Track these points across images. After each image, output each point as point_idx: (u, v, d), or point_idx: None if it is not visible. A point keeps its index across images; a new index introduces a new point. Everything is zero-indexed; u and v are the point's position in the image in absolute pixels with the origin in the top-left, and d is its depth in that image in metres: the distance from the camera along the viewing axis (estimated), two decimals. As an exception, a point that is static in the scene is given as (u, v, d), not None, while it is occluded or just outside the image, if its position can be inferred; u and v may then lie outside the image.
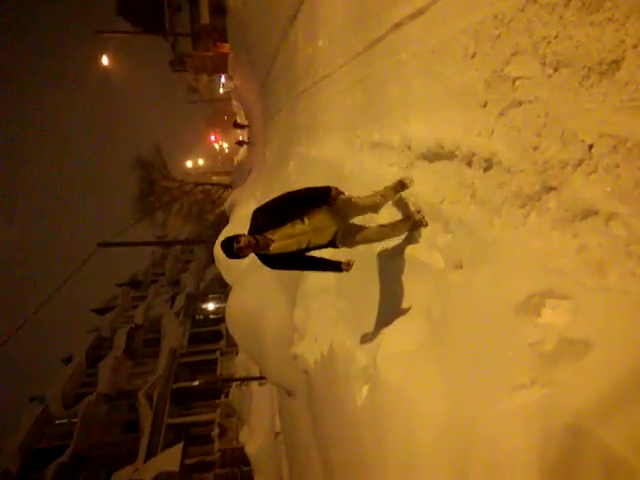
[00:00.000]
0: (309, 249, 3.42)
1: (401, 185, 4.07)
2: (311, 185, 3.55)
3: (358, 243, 3.70)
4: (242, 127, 29.28)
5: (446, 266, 3.48)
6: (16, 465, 19.80)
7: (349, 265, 3.52)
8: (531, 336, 2.24)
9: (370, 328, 4.17)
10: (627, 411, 1.66)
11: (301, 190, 3.49)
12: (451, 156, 3.53)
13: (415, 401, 2.91)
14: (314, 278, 6.22)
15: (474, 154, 3.19)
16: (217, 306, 31.50)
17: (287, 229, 3.26)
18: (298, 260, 3.47)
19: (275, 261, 3.39)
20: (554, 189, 2.47)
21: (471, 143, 3.25)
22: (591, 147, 2.19)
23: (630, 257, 1.98)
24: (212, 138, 52.34)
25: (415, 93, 4.34)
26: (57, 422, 23.05)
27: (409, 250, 4.01)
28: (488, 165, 3.07)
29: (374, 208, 3.93)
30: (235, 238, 3.08)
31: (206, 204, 33.43)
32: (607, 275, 2.07)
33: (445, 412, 2.66)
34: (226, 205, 22.56)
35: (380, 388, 3.34)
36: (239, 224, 14.21)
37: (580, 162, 2.27)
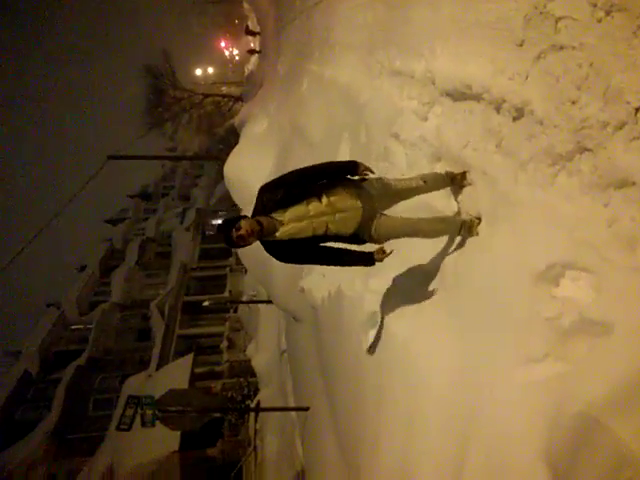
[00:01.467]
0: (327, 237, 2.75)
1: (452, 179, 3.30)
2: (332, 160, 2.97)
3: (388, 237, 2.91)
4: (254, 34, 27.69)
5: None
6: (36, 366, 21.07)
7: (384, 253, 2.80)
8: (549, 308, 2.16)
9: (378, 271, 4.11)
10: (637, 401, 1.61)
11: (320, 165, 2.87)
12: (478, 98, 3.26)
13: (422, 354, 2.91)
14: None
15: (504, 100, 2.94)
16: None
17: (300, 208, 2.63)
18: (314, 251, 2.79)
19: (284, 251, 2.73)
20: (589, 150, 2.27)
21: (502, 87, 2.98)
22: (637, 110, 1.97)
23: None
24: (222, 44, 49.86)
25: (445, 19, 3.95)
26: (73, 327, 24.12)
27: (424, 195, 3.85)
28: (519, 114, 2.82)
29: (409, 193, 3.15)
30: (234, 222, 2.49)
31: (216, 117, 32.55)
32: (637, 253, 1.94)
33: (454, 369, 2.66)
34: (236, 120, 21.92)
35: (386, 337, 3.35)
36: (250, 143, 13.87)
37: (622, 125, 2.06)
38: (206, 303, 18.84)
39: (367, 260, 2.84)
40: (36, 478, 15.58)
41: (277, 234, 2.60)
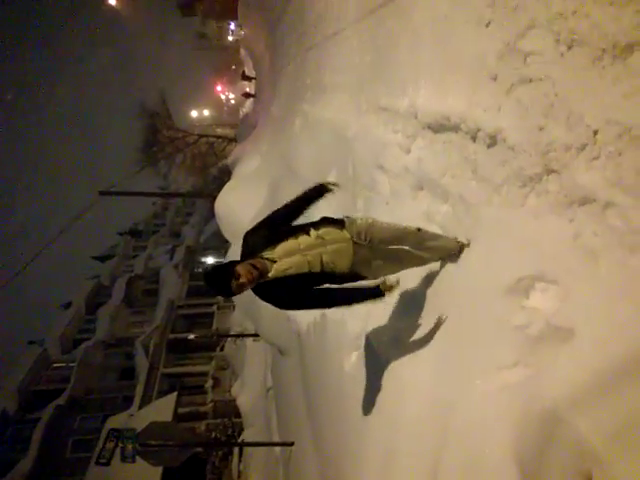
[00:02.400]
0: (325, 275, 2.54)
1: (460, 248, 3.02)
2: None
3: (386, 271, 2.78)
4: (250, 79, 28.68)
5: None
6: (14, 405, 20.44)
7: (392, 286, 2.66)
8: (518, 318, 2.26)
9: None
10: (604, 403, 1.69)
11: (291, 200, 2.78)
12: (456, 129, 3.46)
13: (402, 375, 2.97)
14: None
15: (479, 129, 3.13)
16: (216, 260, 31.71)
17: (290, 243, 2.50)
18: (318, 293, 2.57)
19: (282, 293, 2.49)
20: (555, 172, 2.43)
21: (477, 117, 3.18)
22: (596, 132, 2.14)
23: (623, 248, 1.97)
24: (218, 88, 51.32)
25: (426, 58, 4.21)
26: (55, 365, 23.59)
27: (408, 223, 3.99)
28: (492, 142, 3.01)
29: (400, 240, 2.92)
30: (230, 270, 2.31)
31: (209, 157, 33.07)
32: (598, 264, 2.07)
33: (430, 387, 2.72)
34: (230, 159, 22.35)
35: (368, 358, 3.40)
36: (242, 180, 14.13)
37: (583, 147, 2.23)
38: (192, 336, 18.63)
39: (376, 294, 2.64)
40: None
41: (270, 274, 2.41)
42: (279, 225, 2.61)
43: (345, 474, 3.68)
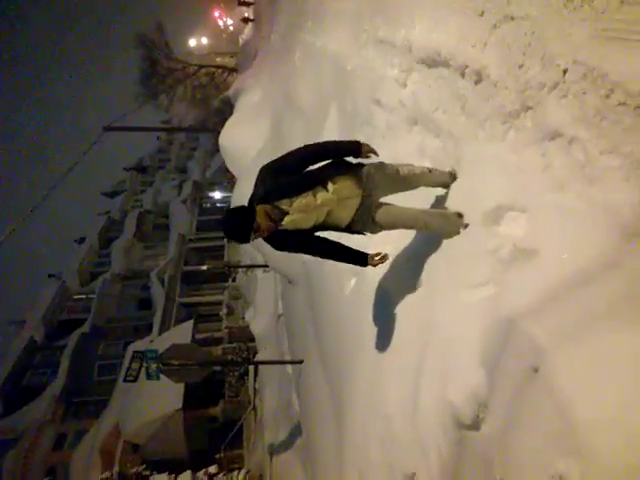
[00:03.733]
0: (325, 226, 2.66)
1: (451, 176, 3.19)
2: (335, 139, 2.87)
3: (383, 227, 2.79)
4: (247, 5, 27.49)
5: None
6: (41, 334, 21.73)
7: (381, 259, 2.74)
8: (491, 243, 2.57)
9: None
10: (553, 311, 2.02)
11: (322, 144, 2.78)
12: (447, 64, 3.59)
13: (392, 295, 3.34)
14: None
15: (467, 66, 3.28)
16: (224, 195, 31.97)
17: (308, 199, 2.51)
18: (312, 241, 2.70)
19: (282, 241, 2.63)
20: (531, 109, 2.64)
21: (465, 53, 3.31)
22: (565, 72, 2.33)
23: (584, 178, 2.23)
24: (216, 14, 49.08)
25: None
26: (75, 297, 24.73)
27: (402, 156, 4.21)
28: (478, 78, 3.17)
29: (412, 181, 2.97)
30: (250, 221, 2.36)
31: (210, 88, 32.34)
32: (564, 193, 2.34)
33: (417, 298, 3.09)
34: (231, 91, 21.96)
35: (365, 282, 3.77)
36: (244, 114, 14.08)
37: (555, 85, 2.42)
38: (205, 267, 19.33)
39: (361, 261, 2.77)
40: (46, 438, 16.31)
41: (283, 223, 2.51)
42: (298, 174, 2.57)
43: (345, 379, 4.18)
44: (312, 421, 6.88)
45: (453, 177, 3.22)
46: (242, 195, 2.54)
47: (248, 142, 11.13)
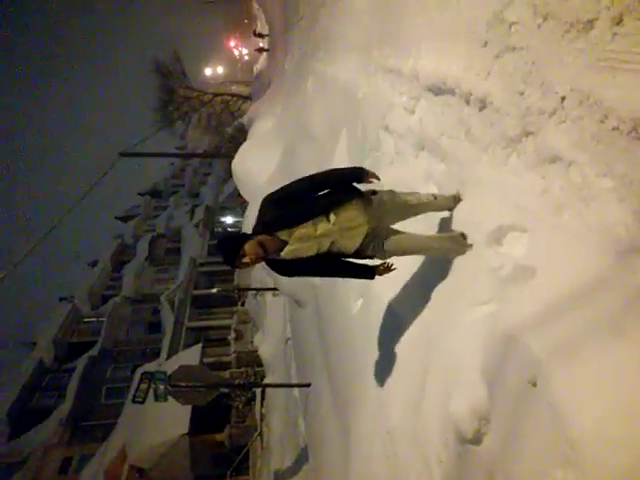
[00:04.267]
0: (329, 254, 2.63)
1: (455, 199, 3.27)
2: (344, 165, 2.93)
3: (392, 253, 2.80)
4: (262, 37, 28.32)
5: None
6: (50, 356, 21.87)
7: (386, 269, 2.79)
8: (493, 262, 2.64)
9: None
10: (551, 326, 2.08)
11: (325, 172, 2.72)
12: (452, 92, 3.73)
13: (397, 309, 3.40)
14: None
15: (471, 93, 3.41)
16: (235, 219, 32.34)
17: (307, 229, 2.49)
18: (316, 265, 2.66)
19: (287, 268, 2.65)
20: (532, 134, 2.74)
21: (470, 81, 3.45)
22: (563, 99, 2.44)
23: (580, 200, 2.31)
24: (231, 44, 50.54)
25: (431, 23, 4.42)
26: (86, 320, 24.92)
27: (409, 180, 4.33)
28: (482, 105, 3.29)
29: (419, 208, 3.06)
30: (236, 245, 2.38)
31: (225, 116, 33.09)
32: (561, 214, 2.42)
33: (422, 317, 3.15)
34: (245, 118, 22.48)
35: (372, 302, 3.84)
36: (257, 140, 14.40)
37: (554, 111, 2.53)
38: (215, 290, 19.46)
39: (368, 274, 2.79)
40: (52, 461, 16.22)
41: (282, 254, 2.51)
42: (300, 203, 2.54)
43: (352, 399, 4.20)
44: (319, 444, 6.85)
45: (457, 200, 3.31)
46: (252, 218, 2.57)
47: (260, 167, 11.37)
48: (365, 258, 2.79)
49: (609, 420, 1.70)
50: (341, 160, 6.54)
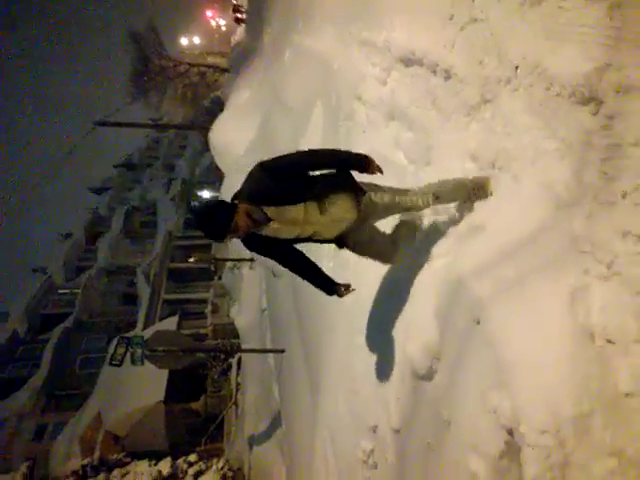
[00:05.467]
0: (307, 240, 2.52)
1: (474, 189, 2.74)
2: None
3: (370, 255, 2.84)
4: (240, 12, 27.80)
5: (407, 163, 4.02)
6: (24, 327, 21.69)
7: (347, 291, 2.61)
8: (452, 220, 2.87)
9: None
10: (495, 271, 2.32)
11: (329, 151, 2.54)
12: (420, 63, 3.90)
13: (361, 271, 3.62)
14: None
15: (437, 64, 3.59)
16: (212, 194, 32.12)
17: (297, 213, 2.31)
18: (287, 255, 2.58)
19: (258, 245, 2.49)
20: (489, 101, 2.94)
21: (437, 53, 3.63)
22: (517, 68, 2.64)
23: (528, 160, 2.53)
24: (209, 14, 49.30)
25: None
26: (60, 291, 24.70)
27: (379, 148, 4.51)
28: (447, 75, 3.48)
29: (411, 209, 2.76)
30: (226, 214, 2.17)
31: (201, 87, 32.49)
32: (511, 173, 2.64)
33: (388, 274, 3.38)
34: (222, 90, 22.21)
35: (341, 265, 4.06)
36: (235, 111, 14.34)
37: (509, 80, 2.73)
38: (192, 260, 19.50)
39: (329, 290, 2.65)
40: (27, 428, 16.31)
41: (263, 231, 2.34)
42: (299, 174, 2.35)
43: (322, 358, 4.45)
44: (292, 406, 7.13)
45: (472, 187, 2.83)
46: (229, 192, 2.41)
47: (237, 139, 11.40)
48: (337, 243, 2.67)
49: (535, 349, 1.95)
50: (316, 130, 6.68)
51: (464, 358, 2.25)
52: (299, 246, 2.61)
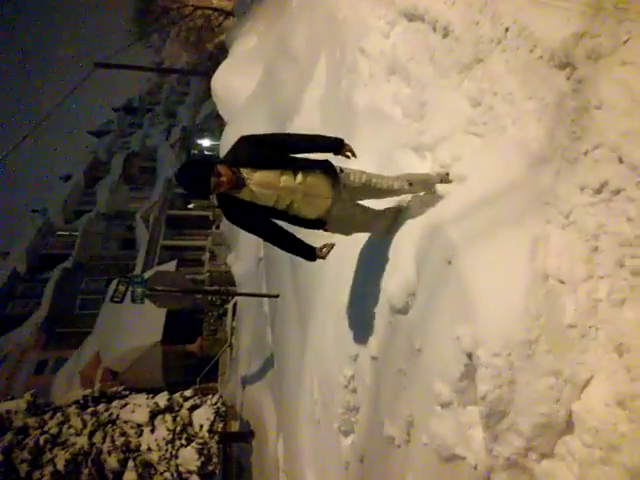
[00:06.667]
0: (285, 215, 2.61)
1: (442, 180, 2.99)
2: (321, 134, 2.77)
3: (356, 229, 3.02)
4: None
5: (403, 118, 4.18)
6: (24, 266, 22.12)
7: (327, 251, 2.71)
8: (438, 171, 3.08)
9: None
10: (470, 218, 2.56)
11: (307, 135, 2.73)
12: (422, 18, 4.00)
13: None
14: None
15: (437, 20, 3.70)
16: (212, 143, 31.90)
17: (272, 175, 2.46)
18: (264, 224, 2.63)
19: (236, 211, 2.55)
20: (482, 61, 3.10)
21: (437, 9, 3.73)
22: (507, 30, 2.79)
23: (509, 119, 2.73)
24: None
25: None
26: (59, 233, 25.02)
27: (377, 103, 4.65)
28: (445, 33, 3.60)
29: (387, 194, 2.94)
30: (211, 166, 2.31)
31: (205, 31, 31.63)
32: (492, 131, 2.84)
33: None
34: (226, 35, 21.68)
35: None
36: (238, 58, 14.15)
37: (500, 41, 2.88)
38: (191, 206, 19.71)
39: (309, 255, 2.74)
40: (28, 363, 16.98)
41: (239, 193, 2.45)
42: (276, 149, 2.53)
43: (312, 300, 4.76)
44: (283, 346, 7.53)
45: (445, 181, 3.03)
46: (230, 141, 2.57)
47: (240, 86, 11.35)
48: (315, 229, 2.76)
49: (497, 286, 2.21)
50: (320, 81, 6.75)
51: (436, 294, 2.53)
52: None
